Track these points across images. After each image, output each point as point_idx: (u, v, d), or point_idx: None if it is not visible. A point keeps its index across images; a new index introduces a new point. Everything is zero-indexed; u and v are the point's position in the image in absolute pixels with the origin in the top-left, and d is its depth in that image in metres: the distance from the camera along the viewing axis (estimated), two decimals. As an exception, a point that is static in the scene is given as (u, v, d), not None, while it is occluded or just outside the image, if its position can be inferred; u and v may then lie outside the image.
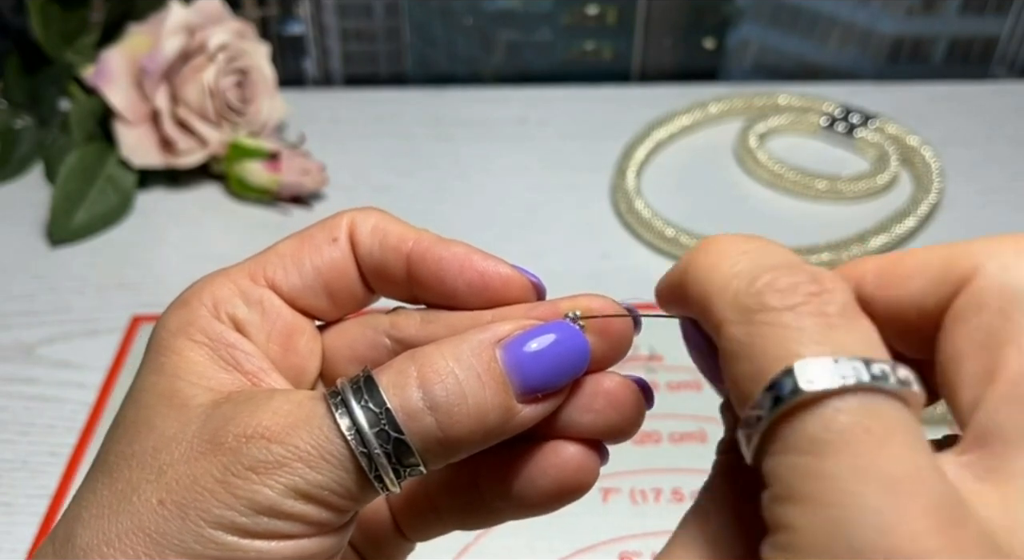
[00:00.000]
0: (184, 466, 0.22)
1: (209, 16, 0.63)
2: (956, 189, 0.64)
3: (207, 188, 0.65)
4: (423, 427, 0.22)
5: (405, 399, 0.22)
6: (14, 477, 0.46)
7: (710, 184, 0.66)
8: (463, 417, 0.22)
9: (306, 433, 0.22)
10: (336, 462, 0.22)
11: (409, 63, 0.78)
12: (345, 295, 0.26)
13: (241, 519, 0.21)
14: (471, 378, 0.22)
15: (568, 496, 0.25)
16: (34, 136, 0.67)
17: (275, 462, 0.21)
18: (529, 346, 0.23)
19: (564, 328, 0.24)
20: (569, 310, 0.24)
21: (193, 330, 0.24)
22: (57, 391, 0.50)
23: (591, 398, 0.24)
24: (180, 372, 0.23)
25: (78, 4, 0.64)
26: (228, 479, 0.21)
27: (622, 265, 0.59)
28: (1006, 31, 0.76)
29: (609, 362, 0.25)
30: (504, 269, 0.25)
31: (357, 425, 0.22)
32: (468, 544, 0.42)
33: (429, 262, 0.25)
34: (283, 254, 0.25)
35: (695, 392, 0.49)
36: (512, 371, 0.23)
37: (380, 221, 0.25)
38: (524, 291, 0.25)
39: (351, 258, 0.25)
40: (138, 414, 0.23)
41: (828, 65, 0.78)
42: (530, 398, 0.23)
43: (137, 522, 0.22)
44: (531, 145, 0.70)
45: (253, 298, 0.25)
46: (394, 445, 0.22)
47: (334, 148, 0.68)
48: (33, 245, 0.60)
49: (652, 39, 0.77)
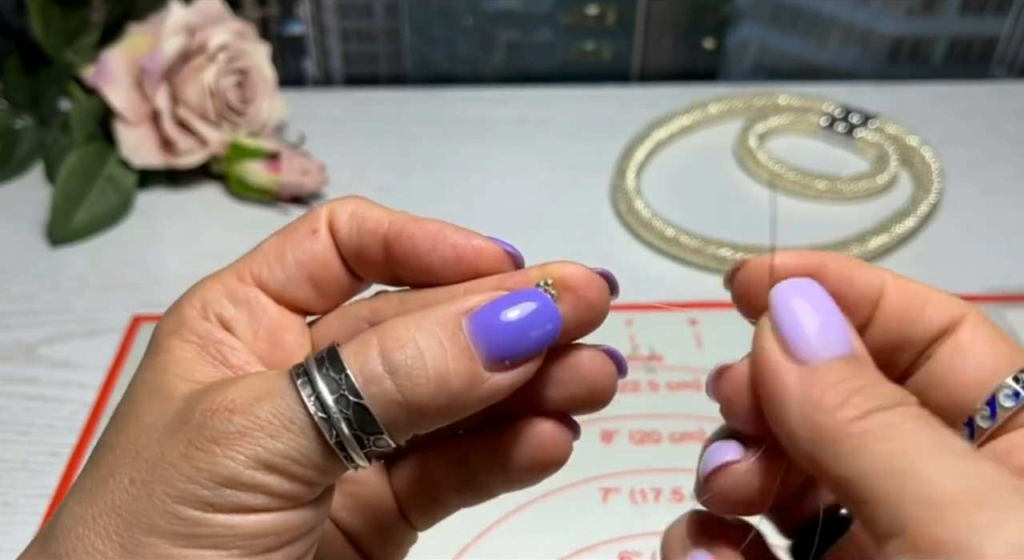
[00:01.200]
0: (156, 446, 0.22)
1: (209, 16, 0.63)
2: (956, 189, 0.64)
3: (207, 188, 0.65)
4: (382, 391, 0.22)
5: (364, 365, 0.22)
6: (14, 477, 0.46)
7: (710, 184, 0.66)
8: (423, 381, 0.22)
9: (268, 403, 0.22)
10: (297, 429, 0.22)
11: (409, 63, 0.78)
12: (331, 285, 0.26)
13: (204, 492, 0.21)
14: (432, 344, 0.22)
15: (545, 471, 0.26)
16: (34, 136, 0.67)
17: (237, 432, 0.22)
18: (497, 315, 0.23)
19: (533, 296, 0.23)
20: (540, 278, 0.24)
21: (184, 330, 0.25)
22: (57, 391, 0.50)
23: (562, 371, 0.25)
24: (169, 367, 0.24)
25: (78, 4, 0.64)
26: (191, 453, 0.22)
27: (622, 265, 0.58)
28: (1006, 31, 0.76)
29: (585, 330, 0.25)
30: (477, 241, 0.25)
31: (317, 392, 0.22)
32: (468, 544, 0.42)
33: (404, 240, 0.25)
34: (267, 251, 0.26)
35: (695, 392, 0.49)
36: (479, 339, 0.23)
37: (358, 207, 0.26)
38: (499, 261, 0.25)
39: (332, 248, 0.26)
40: (128, 408, 0.24)
41: (828, 65, 0.78)
42: (498, 366, 0.23)
43: (110, 502, 0.22)
44: (531, 145, 0.70)
45: (240, 297, 0.25)
46: (354, 410, 0.22)
47: (334, 148, 0.68)
48: (33, 245, 0.60)
49: (652, 39, 0.77)
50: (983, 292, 0.56)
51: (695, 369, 0.50)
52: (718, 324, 0.54)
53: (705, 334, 0.53)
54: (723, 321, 0.54)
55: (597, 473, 0.45)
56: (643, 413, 0.48)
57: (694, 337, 0.53)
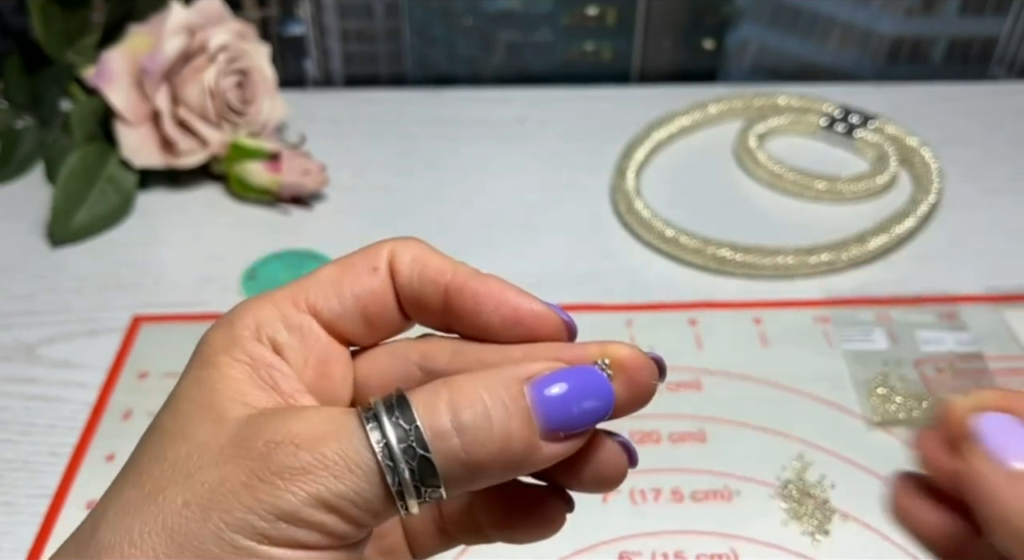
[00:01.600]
0: (212, 470, 0.22)
1: (210, 17, 0.63)
2: (955, 189, 0.64)
3: (208, 188, 0.65)
4: (449, 447, 0.23)
5: (434, 419, 0.23)
6: (15, 477, 0.46)
7: (710, 185, 0.66)
8: (488, 442, 0.23)
9: (335, 443, 0.22)
10: (361, 474, 0.22)
11: (409, 64, 0.78)
12: (382, 322, 0.27)
13: (261, 524, 0.22)
14: (499, 407, 0.23)
15: (539, 537, 0.28)
16: (35, 136, 0.67)
17: (301, 468, 0.22)
18: (556, 388, 0.24)
19: (592, 374, 0.24)
20: (599, 357, 0.25)
21: (235, 349, 0.25)
22: (58, 391, 0.50)
23: (579, 454, 0.26)
24: (219, 386, 0.24)
25: (79, 5, 0.64)
26: (253, 483, 0.22)
27: (622, 265, 0.59)
28: (1005, 31, 0.76)
29: (631, 409, 0.26)
30: (538, 307, 0.26)
31: (386, 439, 0.22)
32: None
33: (466, 295, 0.26)
34: (324, 281, 0.26)
35: (695, 392, 0.49)
36: (538, 408, 0.23)
37: (420, 252, 0.26)
38: (556, 329, 0.26)
39: (390, 287, 0.26)
40: (174, 423, 0.24)
41: (827, 65, 0.78)
42: (553, 435, 0.24)
43: (161, 522, 0.22)
44: (531, 145, 0.70)
45: (294, 323, 0.26)
46: (419, 462, 0.22)
47: (334, 148, 0.68)
48: (34, 245, 0.60)
49: (652, 40, 0.77)
50: (982, 292, 0.56)
51: (695, 369, 0.51)
52: (718, 324, 0.54)
53: (705, 334, 0.53)
54: (723, 321, 0.54)
55: (597, 473, 0.45)
56: (643, 413, 0.48)
57: (694, 337, 0.53)
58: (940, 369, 0.50)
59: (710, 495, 0.45)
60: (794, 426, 0.48)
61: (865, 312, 0.54)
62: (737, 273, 0.57)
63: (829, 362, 0.51)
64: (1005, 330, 0.53)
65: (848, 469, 0.46)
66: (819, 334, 0.53)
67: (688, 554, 0.42)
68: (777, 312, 0.54)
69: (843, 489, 0.45)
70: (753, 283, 0.57)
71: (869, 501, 0.43)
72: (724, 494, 0.45)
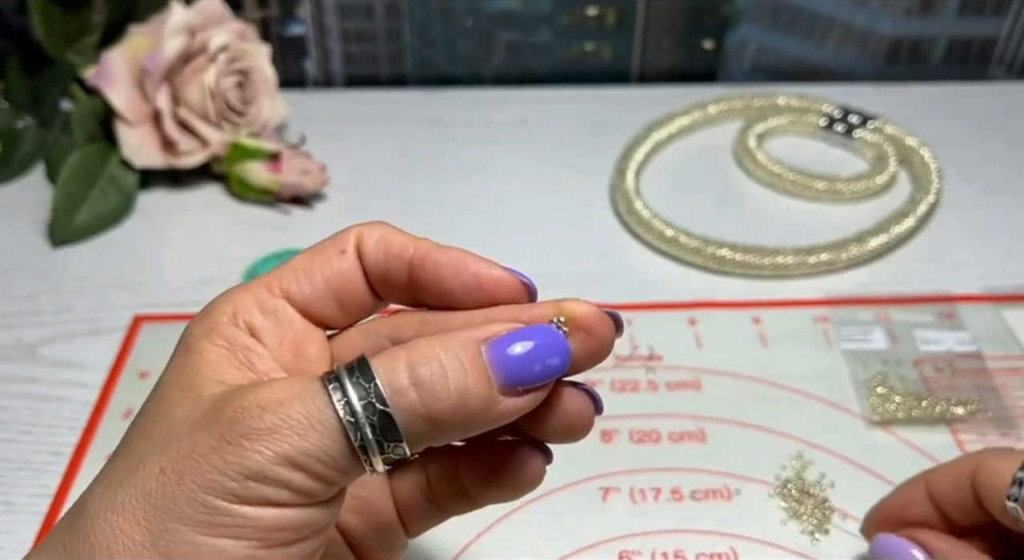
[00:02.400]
0: (186, 439, 0.24)
1: (210, 17, 0.63)
2: (955, 189, 0.64)
3: (208, 188, 0.65)
4: (407, 402, 0.24)
5: (392, 376, 0.24)
6: (15, 477, 0.46)
7: (709, 185, 0.66)
8: (444, 397, 0.24)
9: (299, 404, 0.23)
10: (325, 431, 0.23)
11: (409, 64, 0.78)
12: (354, 302, 0.28)
13: (231, 483, 0.23)
14: (455, 364, 0.24)
15: (520, 491, 0.29)
16: (35, 137, 0.67)
17: (267, 429, 0.23)
18: (515, 346, 0.25)
19: (547, 332, 0.26)
20: (555, 315, 0.26)
21: (214, 335, 0.26)
22: (58, 391, 0.51)
23: (547, 405, 0.27)
24: (199, 369, 0.26)
25: (79, 5, 0.65)
26: (222, 446, 0.23)
27: (621, 265, 0.59)
28: (1004, 32, 0.76)
29: (589, 365, 0.27)
30: (496, 271, 0.27)
31: (347, 397, 0.24)
32: (468, 543, 0.42)
33: (428, 266, 0.27)
34: (296, 267, 0.28)
35: (695, 392, 0.49)
36: (496, 366, 0.25)
37: (384, 233, 0.28)
38: (516, 292, 0.27)
39: (358, 268, 0.28)
40: (159, 406, 0.25)
41: (827, 66, 0.78)
42: (511, 391, 0.25)
43: (140, 488, 0.23)
44: (531, 146, 0.70)
45: (268, 308, 0.27)
46: (380, 418, 0.24)
47: (335, 149, 0.68)
48: (34, 245, 0.60)
49: (651, 40, 0.77)
50: (982, 292, 0.56)
51: (695, 369, 0.51)
52: (717, 324, 0.54)
53: (705, 334, 0.53)
54: (722, 321, 0.54)
55: (597, 472, 0.45)
56: (643, 413, 0.48)
57: (694, 337, 0.53)
58: (939, 369, 0.50)
59: (710, 494, 0.45)
60: (793, 425, 0.48)
61: (864, 312, 0.54)
62: (737, 273, 0.57)
63: (828, 361, 0.51)
64: (1004, 330, 0.53)
65: (847, 468, 0.46)
66: (818, 334, 0.53)
67: (688, 553, 0.42)
68: (777, 312, 0.55)
69: (842, 488, 0.45)
70: (753, 283, 0.57)
71: (868, 500, 0.43)
72: (724, 493, 0.45)
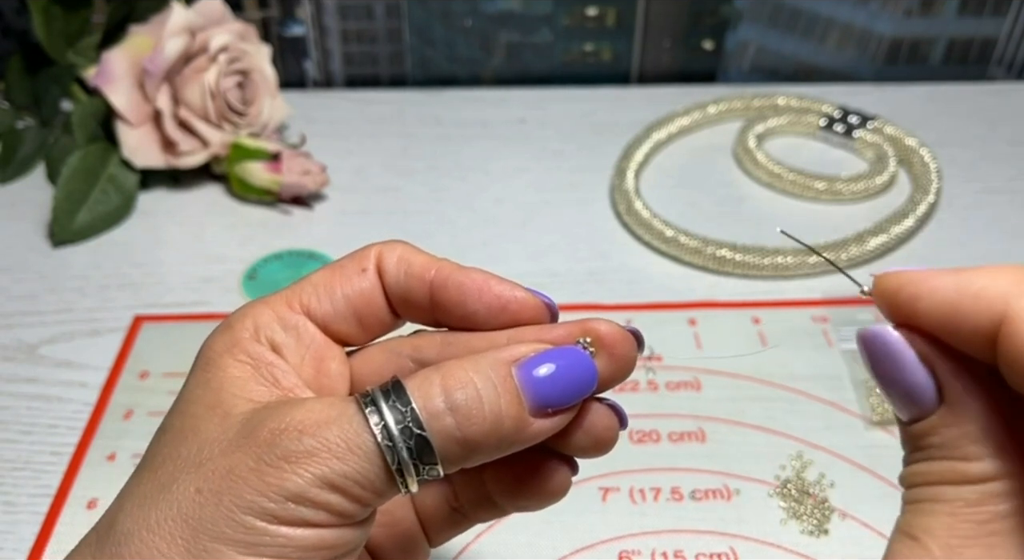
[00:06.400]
0: (222, 459, 0.24)
1: (211, 17, 0.63)
2: (954, 189, 0.65)
3: (208, 189, 0.65)
4: (443, 426, 0.24)
5: (428, 400, 0.24)
6: (16, 476, 0.46)
7: (709, 185, 0.66)
8: (479, 420, 0.24)
9: (337, 427, 0.24)
10: (362, 454, 0.24)
11: (409, 64, 0.78)
12: (373, 320, 0.28)
13: (271, 505, 0.23)
14: (488, 388, 0.25)
15: (548, 501, 0.29)
16: (36, 137, 0.67)
17: (306, 452, 0.23)
18: (542, 369, 0.25)
19: (574, 353, 0.26)
20: (580, 335, 0.26)
21: (236, 350, 0.26)
22: (59, 391, 0.51)
23: (573, 421, 0.27)
24: (224, 385, 0.26)
25: (80, 5, 0.65)
26: (261, 468, 0.23)
27: (621, 265, 0.59)
28: (1004, 32, 0.76)
29: (615, 382, 0.27)
30: (519, 293, 0.27)
31: (384, 421, 0.24)
32: (468, 543, 0.43)
33: (451, 288, 0.27)
34: (316, 284, 0.28)
35: (695, 392, 0.49)
36: (525, 388, 0.25)
37: (405, 252, 0.28)
38: (538, 312, 0.28)
39: (379, 287, 0.28)
40: (184, 422, 0.25)
41: (826, 66, 0.78)
42: (541, 412, 0.25)
43: (176, 508, 0.23)
44: (531, 146, 0.70)
45: (289, 324, 0.27)
46: (416, 442, 0.24)
47: (335, 149, 0.68)
48: (35, 245, 0.60)
49: (651, 40, 0.77)
50: (981, 292, 0.56)
51: (694, 369, 0.51)
52: (717, 324, 0.54)
53: (704, 334, 0.53)
54: (722, 321, 0.54)
55: (596, 472, 0.46)
56: (642, 412, 0.48)
57: (693, 337, 0.53)
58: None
59: (709, 494, 0.45)
60: (793, 425, 0.48)
61: (864, 312, 0.54)
62: (736, 273, 0.58)
63: (828, 361, 0.51)
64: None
65: (847, 468, 0.46)
66: (818, 333, 0.53)
67: (687, 553, 0.42)
68: (776, 312, 0.55)
69: (842, 488, 0.45)
70: (752, 283, 0.57)
71: (868, 500, 0.43)
72: (723, 493, 0.45)
